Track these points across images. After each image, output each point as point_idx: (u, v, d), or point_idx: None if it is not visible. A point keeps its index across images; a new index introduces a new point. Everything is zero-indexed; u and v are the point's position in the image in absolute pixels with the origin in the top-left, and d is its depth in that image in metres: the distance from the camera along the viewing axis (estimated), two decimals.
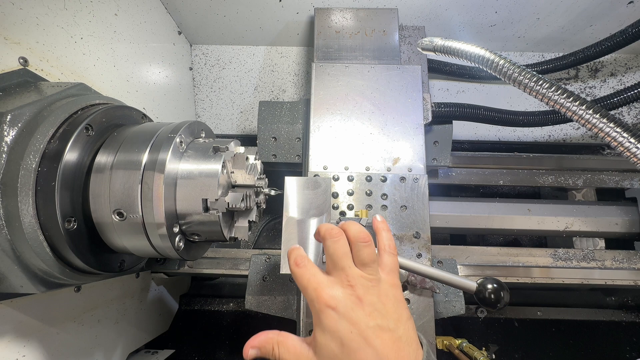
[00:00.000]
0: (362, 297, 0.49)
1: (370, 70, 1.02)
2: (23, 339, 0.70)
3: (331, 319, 0.48)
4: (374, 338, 0.46)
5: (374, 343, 0.46)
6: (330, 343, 0.47)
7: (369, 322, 0.47)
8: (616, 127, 0.58)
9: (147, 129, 0.72)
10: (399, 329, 0.49)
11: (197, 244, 0.77)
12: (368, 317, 0.48)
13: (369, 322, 0.47)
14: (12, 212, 0.57)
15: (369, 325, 0.47)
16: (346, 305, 0.48)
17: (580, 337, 1.33)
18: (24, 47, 0.69)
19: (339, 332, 0.47)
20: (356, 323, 0.47)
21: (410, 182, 0.91)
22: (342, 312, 0.48)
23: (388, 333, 0.48)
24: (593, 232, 1.15)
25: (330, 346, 0.47)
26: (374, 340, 0.46)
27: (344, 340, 0.47)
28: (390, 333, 0.48)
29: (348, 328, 0.47)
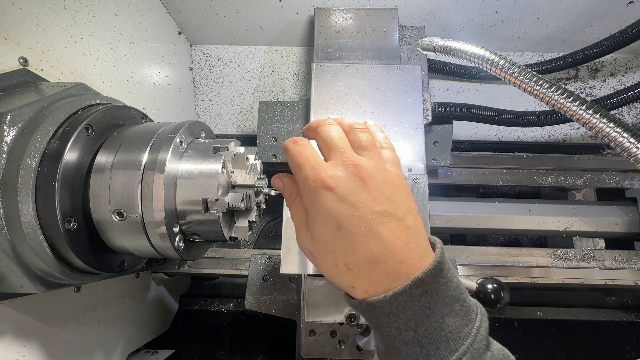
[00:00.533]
0: (366, 179, 0.41)
1: (370, 70, 1.02)
2: (23, 339, 0.70)
3: (328, 200, 0.40)
4: (379, 224, 0.39)
5: (378, 229, 0.39)
6: (323, 228, 0.41)
7: (374, 207, 0.40)
8: (616, 127, 0.58)
9: (147, 129, 0.72)
10: (408, 220, 0.41)
11: (197, 244, 0.77)
12: (373, 201, 0.40)
13: (373, 206, 0.40)
14: (12, 212, 0.57)
15: (374, 210, 0.40)
16: (348, 186, 0.40)
17: (580, 337, 1.33)
18: (24, 47, 0.69)
19: (337, 215, 0.40)
20: (358, 206, 0.39)
21: (410, 182, 0.91)
22: (343, 194, 0.40)
23: (396, 222, 0.40)
24: (593, 232, 1.15)
25: (322, 231, 0.41)
26: (379, 226, 0.39)
27: (341, 224, 0.39)
28: (399, 222, 0.40)
29: (348, 211, 0.39)
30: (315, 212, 0.42)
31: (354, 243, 0.39)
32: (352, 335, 0.83)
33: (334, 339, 0.84)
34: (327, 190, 0.40)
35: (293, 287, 1.00)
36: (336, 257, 0.40)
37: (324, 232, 0.41)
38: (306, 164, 0.43)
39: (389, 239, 0.39)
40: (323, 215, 0.41)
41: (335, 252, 0.40)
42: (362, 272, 0.39)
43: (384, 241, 0.39)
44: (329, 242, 0.41)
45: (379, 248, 0.39)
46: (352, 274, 0.40)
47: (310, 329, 0.84)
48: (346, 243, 0.39)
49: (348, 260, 0.40)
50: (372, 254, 0.39)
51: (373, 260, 0.39)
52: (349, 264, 0.40)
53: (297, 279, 0.99)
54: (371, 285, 0.39)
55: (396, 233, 0.39)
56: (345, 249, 0.40)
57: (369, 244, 0.39)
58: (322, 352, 0.83)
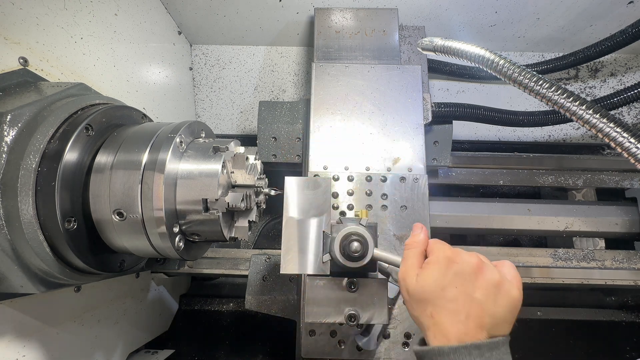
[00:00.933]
0: (483, 271, 0.52)
1: (370, 70, 1.02)
2: (23, 339, 0.70)
3: (446, 267, 0.52)
4: (469, 307, 0.50)
5: (463, 308, 0.50)
6: (433, 282, 0.52)
7: (474, 293, 0.51)
8: (616, 127, 0.57)
9: (147, 129, 0.72)
10: (495, 317, 0.50)
11: (197, 244, 0.77)
12: (474, 289, 0.51)
13: (473, 292, 0.51)
14: (12, 212, 0.57)
15: (473, 295, 0.51)
16: (467, 268, 0.52)
17: (580, 337, 1.33)
18: (24, 47, 0.69)
19: (446, 279, 0.52)
20: (464, 285, 0.51)
21: (410, 182, 0.91)
22: (460, 270, 0.52)
23: (481, 312, 0.50)
24: (593, 232, 1.15)
25: (431, 284, 0.52)
26: (467, 307, 0.50)
27: (446, 288, 0.51)
28: (483, 314, 0.50)
29: (456, 282, 0.51)
30: (434, 267, 0.53)
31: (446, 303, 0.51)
32: (352, 335, 0.83)
33: (334, 339, 0.84)
34: (453, 260, 0.53)
35: (293, 287, 1.00)
36: (427, 305, 0.52)
37: (429, 283, 0.53)
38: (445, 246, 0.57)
39: (469, 316, 0.50)
40: (438, 274, 0.53)
41: (428, 302, 0.52)
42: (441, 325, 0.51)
43: (468, 317, 0.50)
44: (429, 292, 0.52)
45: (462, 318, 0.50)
46: (433, 321, 0.51)
47: (310, 329, 0.84)
48: (437, 300, 0.51)
49: (435, 312, 0.51)
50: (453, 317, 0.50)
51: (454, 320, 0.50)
52: (434, 314, 0.51)
53: (297, 279, 0.99)
54: (443, 338, 0.50)
55: (475, 319, 0.50)
56: (437, 303, 0.51)
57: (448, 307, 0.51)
58: (322, 352, 0.83)
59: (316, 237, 0.68)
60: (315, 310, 0.70)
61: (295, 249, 0.67)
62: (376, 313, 0.69)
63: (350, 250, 0.63)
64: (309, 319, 0.70)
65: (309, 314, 0.70)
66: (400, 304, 0.86)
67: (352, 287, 0.70)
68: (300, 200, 0.70)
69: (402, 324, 0.85)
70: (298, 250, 0.67)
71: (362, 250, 0.63)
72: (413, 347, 0.54)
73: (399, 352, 0.83)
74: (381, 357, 0.83)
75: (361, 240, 0.64)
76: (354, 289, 0.70)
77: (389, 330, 0.84)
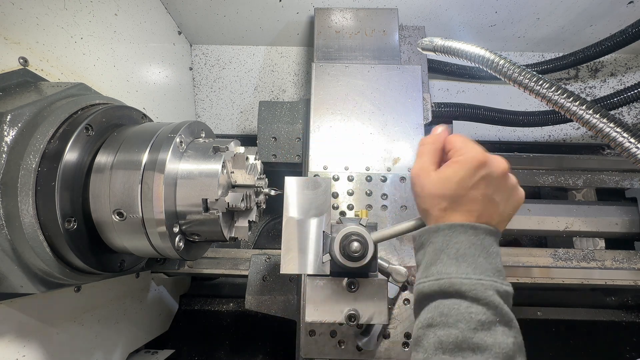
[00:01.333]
0: (507, 177, 0.54)
1: (370, 70, 1.02)
2: (23, 339, 0.70)
3: (475, 170, 0.52)
4: (484, 206, 0.52)
5: (479, 207, 0.52)
6: (456, 183, 0.52)
7: (493, 195, 0.53)
8: (616, 127, 0.57)
9: (147, 129, 0.72)
10: (502, 215, 0.54)
11: (197, 244, 0.77)
12: (495, 192, 0.53)
13: (493, 194, 0.53)
14: (12, 212, 0.57)
15: (491, 196, 0.53)
16: (496, 173, 0.53)
17: (580, 337, 1.33)
18: (24, 47, 0.69)
19: (471, 181, 0.52)
20: (487, 189, 0.52)
21: (410, 182, 0.91)
22: (487, 174, 0.52)
23: (493, 211, 0.53)
24: (593, 232, 1.15)
25: (453, 184, 0.52)
26: (482, 206, 0.52)
27: (471, 188, 0.52)
28: (493, 213, 0.53)
29: (481, 185, 0.52)
30: (456, 167, 0.53)
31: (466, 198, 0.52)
32: (352, 335, 0.83)
33: (334, 339, 0.84)
34: (484, 166, 0.52)
35: (293, 287, 1.00)
36: (442, 200, 0.53)
37: (452, 182, 0.52)
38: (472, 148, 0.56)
39: (482, 214, 0.52)
40: (463, 175, 0.52)
41: (445, 198, 0.52)
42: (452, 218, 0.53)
43: (481, 214, 0.52)
44: (451, 189, 0.52)
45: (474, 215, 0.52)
46: (445, 214, 0.53)
47: (310, 329, 0.84)
48: (461, 197, 0.52)
49: (449, 207, 0.52)
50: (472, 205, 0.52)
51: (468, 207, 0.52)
52: (448, 208, 0.52)
53: (297, 279, 0.99)
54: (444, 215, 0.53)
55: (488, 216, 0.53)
56: (457, 201, 0.52)
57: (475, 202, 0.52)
58: (322, 352, 0.83)
59: (316, 237, 0.68)
60: (315, 310, 0.70)
61: (295, 249, 0.67)
62: (376, 313, 0.69)
63: (350, 250, 0.63)
64: (309, 319, 0.70)
65: (309, 314, 0.70)
66: (400, 304, 0.86)
67: (352, 287, 0.70)
68: (300, 200, 0.70)
69: (402, 324, 0.85)
70: (298, 250, 0.67)
71: (362, 250, 0.63)
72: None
73: (399, 352, 0.83)
74: (381, 357, 0.83)
75: (361, 240, 0.64)
76: (354, 289, 0.70)
77: (389, 330, 0.84)
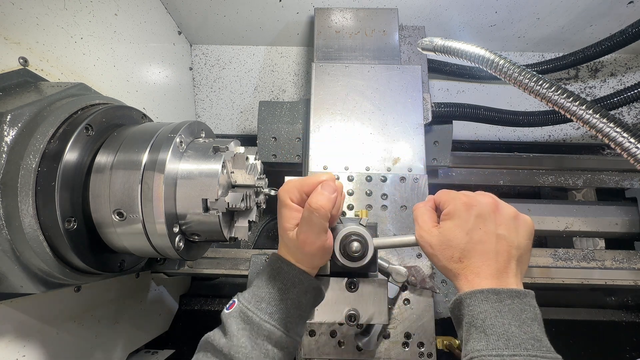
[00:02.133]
0: (499, 207, 0.55)
1: (370, 70, 1.02)
2: (23, 339, 0.70)
3: (466, 212, 0.54)
4: (495, 244, 0.52)
5: (491, 246, 0.51)
6: (458, 229, 0.53)
7: (497, 230, 0.52)
8: (616, 127, 0.57)
9: (147, 129, 0.72)
10: (519, 248, 0.53)
11: (197, 244, 0.77)
12: (498, 225, 0.53)
13: (497, 229, 0.53)
14: (12, 212, 0.57)
15: (497, 232, 0.52)
16: (486, 208, 0.54)
17: (580, 337, 1.33)
18: (24, 47, 0.69)
19: (469, 224, 0.53)
20: (486, 225, 0.53)
21: (410, 182, 0.91)
22: (480, 211, 0.54)
23: (507, 246, 0.52)
24: (593, 232, 1.15)
25: (455, 232, 0.53)
26: (494, 244, 0.52)
27: (471, 232, 0.53)
28: (509, 247, 0.52)
29: (479, 224, 0.53)
30: (451, 219, 0.55)
31: (474, 247, 0.52)
32: (352, 335, 0.83)
33: (334, 339, 0.84)
34: (470, 205, 0.55)
35: None
36: (454, 252, 0.53)
37: (455, 234, 0.53)
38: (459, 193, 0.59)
39: (498, 254, 0.51)
40: (457, 222, 0.54)
41: (456, 249, 0.53)
42: (471, 266, 0.52)
43: (491, 253, 0.51)
44: (455, 240, 0.53)
45: (492, 255, 0.51)
46: (462, 265, 0.52)
47: (310, 329, 0.84)
48: (467, 245, 0.52)
49: (464, 256, 0.52)
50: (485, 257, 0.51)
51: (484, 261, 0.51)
52: (463, 258, 0.52)
53: None
54: (476, 277, 0.51)
55: (504, 254, 0.51)
56: (465, 248, 0.52)
57: (484, 251, 0.51)
58: (322, 352, 0.83)
59: None
60: (315, 310, 0.70)
61: None
62: (376, 313, 0.69)
63: (350, 250, 0.63)
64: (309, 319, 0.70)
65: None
66: (400, 304, 0.86)
67: (352, 287, 0.70)
68: None
69: (402, 324, 0.85)
70: None
71: (362, 250, 0.63)
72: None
73: (399, 352, 0.83)
74: (381, 357, 0.83)
75: (361, 240, 0.64)
76: (354, 289, 0.70)
77: (389, 330, 0.84)
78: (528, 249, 0.54)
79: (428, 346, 0.83)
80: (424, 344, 0.83)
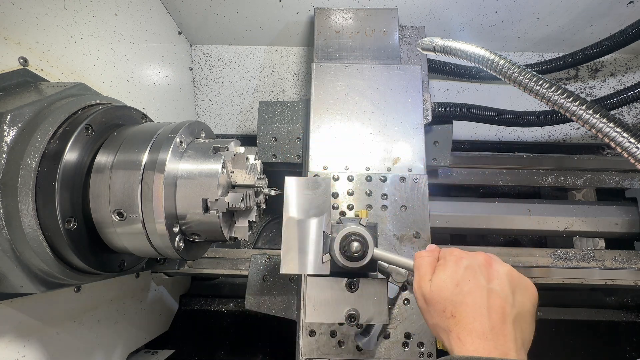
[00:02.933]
0: (493, 264, 0.54)
1: (370, 70, 1.02)
2: (23, 339, 0.70)
3: (456, 264, 0.54)
4: (487, 298, 0.49)
5: (482, 300, 0.49)
6: (448, 280, 0.53)
7: (489, 284, 0.51)
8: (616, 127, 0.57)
9: (147, 129, 0.72)
10: (515, 306, 0.50)
11: (197, 244, 0.77)
12: (489, 281, 0.52)
13: (489, 284, 0.51)
14: (12, 212, 0.57)
15: (488, 286, 0.51)
16: (476, 262, 0.54)
17: (580, 337, 1.33)
18: (24, 47, 0.69)
19: (458, 274, 0.52)
20: (476, 278, 0.52)
21: (410, 182, 0.91)
22: (469, 263, 0.53)
23: (500, 302, 0.49)
24: (593, 232, 1.15)
25: (445, 282, 0.52)
26: (485, 299, 0.49)
27: (460, 283, 0.51)
28: (503, 304, 0.49)
29: (469, 275, 0.52)
30: (443, 270, 0.54)
31: (463, 299, 0.50)
32: (352, 335, 0.83)
33: (334, 339, 0.84)
34: (460, 258, 0.55)
35: (293, 287, 1.00)
36: (446, 304, 0.51)
37: (445, 284, 0.52)
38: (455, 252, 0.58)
39: (490, 309, 0.49)
40: (449, 273, 0.53)
41: (446, 301, 0.51)
42: (463, 321, 0.49)
43: (481, 307, 0.49)
44: (446, 291, 0.52)
45: (484, 312, 0.48)
46: (454, 321, 0.50)
47: (310, 329, 0.84)
48: (457, 297, 0.51)
49: (455, 310, 0.50)
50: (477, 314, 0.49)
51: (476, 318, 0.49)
52: (454, 312, 0.50)
53: (297, 279, 0.99)
54: (468, 336, 0.48)
55: (496, 308, 0.49)
56: (456, 300, 0.51)
57: (474, 305, 0.49)
58: (322, 352, 0.83)
59: (316, 237, 0.68)
60: (315, 310, 0.70)
61: (295, 249, 0.67)
62: (376, 313, 0.69)
63: (350, 250, 0.63)
64: (309, 319, 0.70)
65: (309, 314, 0.70)
66: (400, 304, 0.86)
67: (352, 287, 0.70)
68: (300, 200, 0.70)
69: (402, 324, 0.85)
70: (298, 250, 0.67)
71: (362, 250, 0.63)
72: None
73: (399, 352, 0.83)
74: (381, 357, 0.83)
75: (361, 240, 0.64)
76: (354, 289, 0.70)
77: (389, 330, 0.84)
78: (528, 312, 0.50)
79: (428, 346, 0.83)
80: (424, 344, 0.83)
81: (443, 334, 0.52)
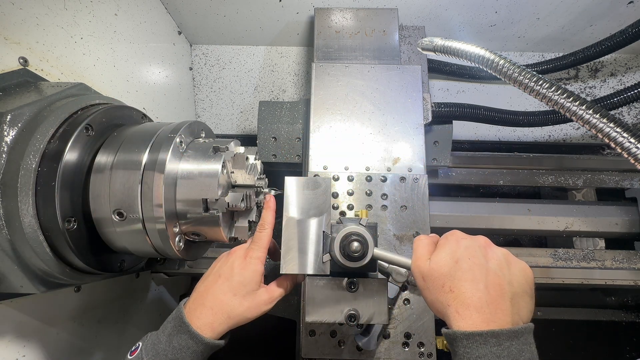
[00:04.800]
0: (491, 246, 0.55)
1: (370, 70, 1.02)
2: (23, 339, 0.70)
3: (456, 243, 0.55)
4: (485, 276, 0.51)
5: (481, 277, 0.51)
6: (447, 257, 0.54)
7: (488, 264, 0.52)
8: (616, 127, 0.57)
9: (147, 129, 0.72)
10: (513, 285, 0.51)
11: (197, 244, 0.77)
12: (488, 260, 0.53)
13: (487, 263, 0.52)
14: (12, 212, 0.57)
15: (487, 265, 0.52)
16: (476, 243, 0.55)
17: (580, 337, 1.33)
18: (24, 47, 0.69)
19: (458, 253, 0.54)
20: (475, 257, 0.53)
21: (410, 182, 0.91)
22: (469, 243, 0.55)
23: (498, 279, 0.50)
24: (593, 232, 1.15)
25: (445, 260, 0.54)
26: (484, 276, 0.51)
27: (460, 260, 0.53)
28: (501, 282, 0.50)
29: (468, 254, 0.53)
30: (443, 249, 0.56)
31: (462, 275, 0.51)
32: (352, 335, 0.83)
33: (334, 339, 0.84)
34: (461, 238, 0.56)
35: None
36: (444, 280, 0.52)
37: (445, 262, 0.54)
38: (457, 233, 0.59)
39: (487, 286, 0.50)
40: (448, 252, 0.54)
41: (445, 277, 0.52)
42: (461, 296, 0.50)
43: (481, 285, 0.50)
44: (445, 269, 0.53)
45: (482, 287, 0.50)
46: (453, 295, 0.51)
47: (310, 329, 0.84)
48: (455, 274, 0.52)
49: (454, 285, 0.51)
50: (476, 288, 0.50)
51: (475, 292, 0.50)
52: (453, 287, 0.51)
53: None
54: (466, 309, 0.49)
55: (494, 286, 0.50)
56: (455, 276, 0.52)
57: (472, 281, 0.50)
58: (322, 352, 0.83)
59: (316, 237, 0.68)
60: (315, 310, 0.70)
61: (295, 249, 0.67)
62: (376, 313, 0.69)
63: (350, 250, 0.63)
64: (309, 319, 0.70)
65: (309, 314, 0.70)
66: (400, 304, 0.86)
67: (352, 287, 0.70)
68: (300, 200, 0.70)
69: (402, 324, 0.85)
70: (298, 250, 0.67)
71: (362, 250, 0.63)
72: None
73: (399, 352, 0.83)
74: (381, 357, 0.83)
75: (361, 240, 0.64)
76: (354, 289, 0.70)
77: (389, 330, 0.84)
78: (525, 292, 0.52)
79: (428, 346, 0.83)
80: (424, 344, 0.83)
81: (441, 307, 0.53)
